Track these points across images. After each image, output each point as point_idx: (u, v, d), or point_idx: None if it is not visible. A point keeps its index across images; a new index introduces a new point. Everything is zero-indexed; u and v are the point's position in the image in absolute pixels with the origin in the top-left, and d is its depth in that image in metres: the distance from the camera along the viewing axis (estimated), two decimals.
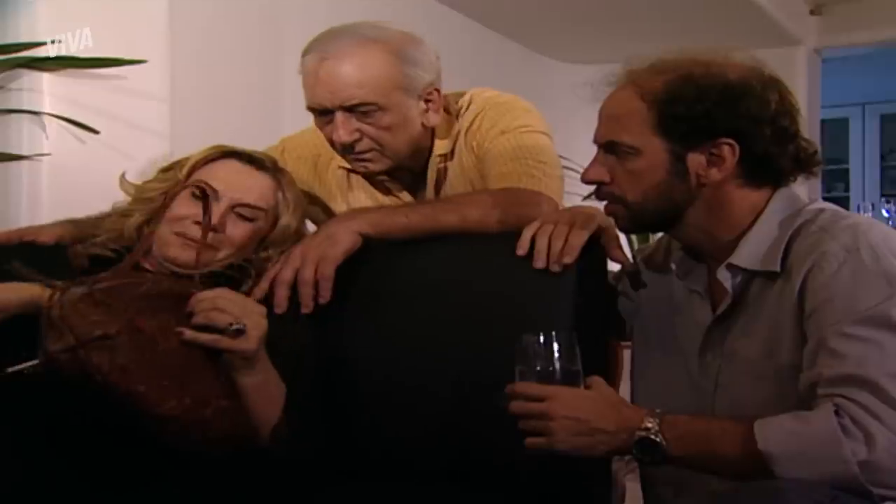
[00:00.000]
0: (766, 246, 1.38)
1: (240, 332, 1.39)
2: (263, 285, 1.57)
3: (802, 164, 1.43)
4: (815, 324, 1.29)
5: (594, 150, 1.47)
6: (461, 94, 1.87)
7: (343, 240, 1.58)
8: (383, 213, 1.68)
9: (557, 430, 1.29)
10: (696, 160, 1.39)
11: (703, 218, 1.42)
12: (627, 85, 1.43)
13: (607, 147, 1.43)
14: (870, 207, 6.04)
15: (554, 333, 1.33)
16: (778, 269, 1.36)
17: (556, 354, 1.33)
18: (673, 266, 1.52)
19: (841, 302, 1.28)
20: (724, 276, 1.41)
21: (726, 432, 1.27)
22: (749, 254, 1.39)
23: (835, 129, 6.68)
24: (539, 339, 1.33)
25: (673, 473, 1.35)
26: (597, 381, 1.35)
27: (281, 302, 1.55)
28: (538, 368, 1.33)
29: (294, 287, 1.59)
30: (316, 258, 1.55)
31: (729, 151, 1.38)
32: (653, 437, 1.28)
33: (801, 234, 1.36)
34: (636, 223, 1.48)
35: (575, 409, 1.30)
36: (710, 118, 1.37)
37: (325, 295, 1.57)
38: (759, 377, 1.37)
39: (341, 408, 1.61)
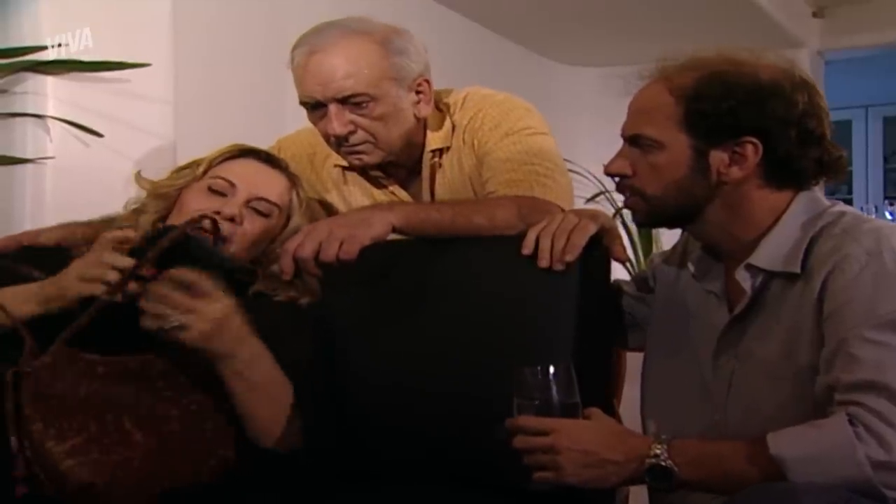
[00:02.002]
0: (787, 247, 1.38)
1: (177, 329, 1.35)
2: (286, 262, 1.51)
3: (826, 167, 1.43)
4: (833, 326, 1.29)
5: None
6: (449, 91, 1.88)
7: (376, 226, 1.56)
8: (417, 208, 1.70)
9: (565, 464, 1.29)
10: (718, 157, 1.39)
11: (723, 216, 1.43)
12: (658, 80, 1.44)
13: (632, 140, 1.44)
14: (873, 210, 6.04)
15: (551, 366, 1.33)
16: (798, 270, 1.36)
17: (555, 387, 1.33)
18: (690, 267, 1.52)
19: (861, 306, 1.28)
20: (743, 277, 1.41)
21: (737, 450, 1.27)
22: (769, 254, 1.39)
23: (838, 132, 6.61)
24: (536, 371, 1.34)
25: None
26: (595, 412, 1.35)
27: (288, 270, 1.52)
28: (536, 402, 1.33)
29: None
30: (343, 236, 1.52)
31: (752, 150, 1.38)
32: (663, 463, 1.28)
33: (823, 236, 1.36)
34: (654, 217, 1.49)
35: (581, 441, 1.30)
36: (736, 116, 1.37)
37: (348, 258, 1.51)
38: (777, 378, 1.36)
39: (343, 411, 1.61)
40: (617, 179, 1.48)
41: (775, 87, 1.38)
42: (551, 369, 1.33)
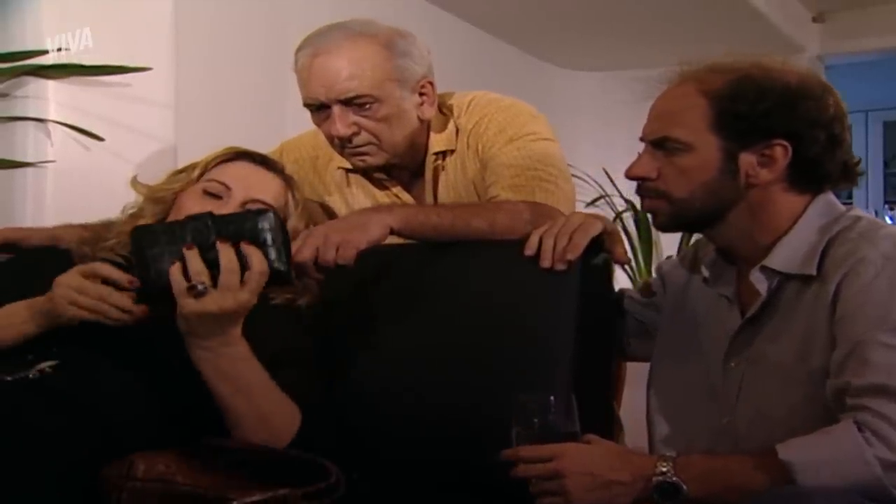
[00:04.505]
0: (803, 250, 1.38)
1: (200, 294, 1.33)
2: None
3: (848, 171, 1.43)
4: (845, 329, 1.29)
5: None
6: (452, 94, 1.89)
7: (372, 229, 1.56)
8: (416, 211, 1.69)
9: (572, 489, 1.29)
10: (747, 160, 1.39)
11: (745, 220, 1.43)
12: (686, 82, 1.43)
13: (657, 143, 1.43)
14: (873, 214, 6.04)
15: (551, 396, 1.33)
16: (814, 272, 1.36)
17: (554, 415, 1.33)
18: (704, 271, 1.52)
19: (874, 309, 1.27)
20: (758, 279, 1.41)
21: (745, 462, 1.26)
22: (785, 257, 1.39)
23: None
24: (535, 399, 1.33)
25: None
26: (594, 438, 1.35)
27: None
28: (536, 431, 1.32)
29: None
30: (339, 241, 1.52)
31: (781, 153, 1.38)
32: (670, 479, 1.27)
33: (839, 239, 1.36)
34: (678, 220, 1.48)
35: (586, 464, 1.30)
36: (769, 118, 1.37)
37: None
38: (789, 380, 1.36)
39: (342, 413, 1.61)
40: (638, 183, 1.47)
41: (806, 90, 1.39)
42: (551, 398, 1.33)
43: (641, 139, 1.46)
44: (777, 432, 1.27)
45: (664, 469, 1.28)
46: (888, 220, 5.58)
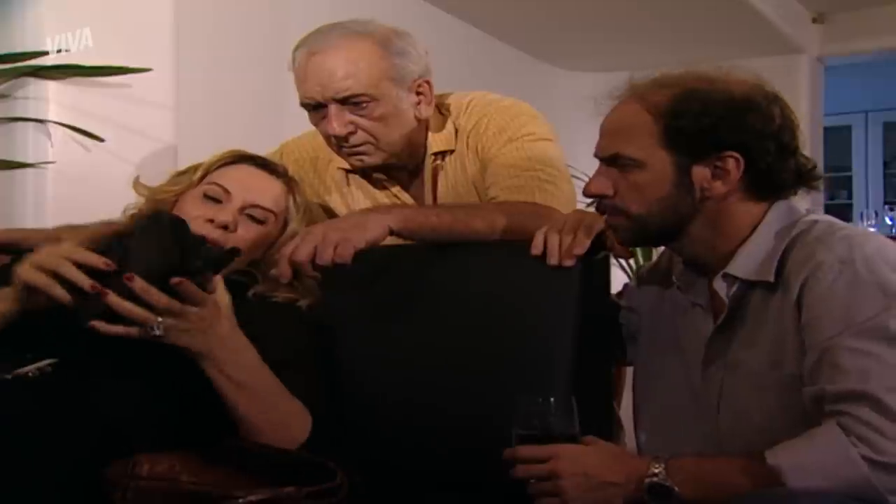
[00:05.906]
0: (761, 256, 1.39)
1: (158, 333, 1.35)
2: (283, 266, 1.51)
3: (803, 178, 1.43)
4: (812, 336, 1.30)
5: (594, 156, 1.47)
6: (451, 94, 1.89)
7: (371, 228, 1.55)
8: (415, 212, 1.69)
9: (568, 489, 1.30)
10: (700, 173, 1.39)
11: (706, 232, 1.43)
12: (632, 99, 1.43)
13: (610, 160, 1.43)
14: (873, 215, 6.04)
15: (552, 397, 1.34)
16: (772, 278, 1.37)
17: (554, 417, 1.34)
18: (675, 280, 1.53)
19: (838, 314, 1.28)
20: (720, 286, 1.42)
21: (734, 465, 1.27)
22: (745, 264, 1.40)
23: (838, 137, 6.68)
24: (536, 402, 1.34)
25: None
26: (593, 439, 1.36)
27: (286, 274, 1.52)
28: (536, 433, 1.33)
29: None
30: (337, 239, 1.51)
31: (734, 165, 1.38)
32: (662, 482, 1.28)
33: (797, 244, 1.37)
34: (639, 236, 1.48)
35: (582, 466, 1.31)
36: (716, 131, 1.37)
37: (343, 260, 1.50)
38: (764, 387, 1.37)
39: (342, 413, 1.61)
40: (598, 200, 1.48)
41: (750, 101, 1.39)
42: (551, 400, 1.34)
43: (595, 156, 1.46)
44: (756, 438, 1.28)
45: (657, 471, 1.29)
46: (888, 221, 5.57)
